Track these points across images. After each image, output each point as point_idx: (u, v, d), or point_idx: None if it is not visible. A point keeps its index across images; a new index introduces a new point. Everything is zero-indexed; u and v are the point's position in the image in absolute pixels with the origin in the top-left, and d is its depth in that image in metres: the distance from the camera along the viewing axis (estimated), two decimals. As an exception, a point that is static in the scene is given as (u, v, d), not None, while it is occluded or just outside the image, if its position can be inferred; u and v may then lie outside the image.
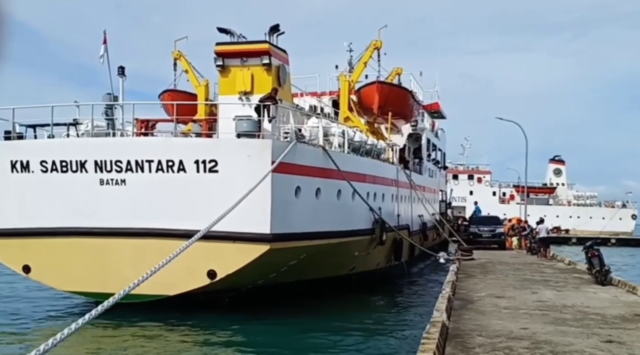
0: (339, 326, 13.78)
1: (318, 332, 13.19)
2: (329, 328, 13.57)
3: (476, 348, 8.11)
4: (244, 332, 13.08)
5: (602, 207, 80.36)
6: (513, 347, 8.15)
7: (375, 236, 19.10)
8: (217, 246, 13.21)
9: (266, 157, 13.67)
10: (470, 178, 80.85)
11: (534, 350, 8.01)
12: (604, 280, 15.52)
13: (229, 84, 17.95)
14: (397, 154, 24.60)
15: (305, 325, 13.83)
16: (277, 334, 13.13)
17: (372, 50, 24.50)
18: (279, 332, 13.23)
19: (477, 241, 31.11)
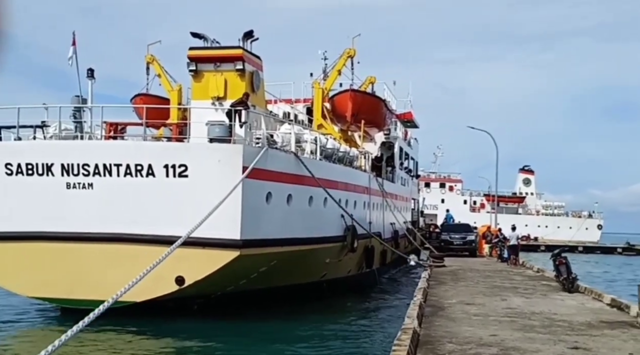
0: (310, 333, 13.71)
1: (288, 339, 13.09)
2: (299, 335, 13.49)
3: (446, 354, 8.14)
4: (213, 339, 12.89)
5: (570, 217, 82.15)
6: (482, 354, 8.20)
7: (346, 243, 19.09)
8: (186, 252, 12.99)
9: (237, 162, 13.55)
10: (442, 186, 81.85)
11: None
12: (571, 287, 15.79)
13: (202, 89, 17.80)
14: (369, 161, 24.70)
15: (275, 332, 13.72)
16: (246, 341, 12.98)
17: (345, 58, 24.62)
18: (248, 339, 13.08)
19: (449, 248, 31.39)
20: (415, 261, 26.36)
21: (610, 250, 58.09)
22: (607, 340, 9.30)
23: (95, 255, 14.02)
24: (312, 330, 14.02)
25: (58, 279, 14.29)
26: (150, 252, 13.49)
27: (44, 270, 14.41)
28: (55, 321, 14.97)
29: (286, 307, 15.72)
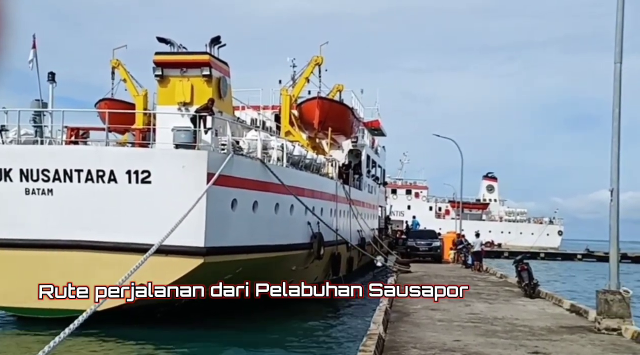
0: (276, 339, 13.64)
1: (253, 345, 13.02)
2: (263, 341, 13.40)
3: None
4: (178, 347, 12.70)
5: (532, 223, 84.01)
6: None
7: (313, 250, 19.08)
8: (149, 259, 12.82)
9: (201, 168, 13.42)
10: (408, 193, 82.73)
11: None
12: (532, 293, 16.13)
13: (168, 94, 17.56)
14: (336, 169, 24.79)
15: (240, 339, 13.60)
16: (212, 348, 12.83)
17: (313, 65, 24.72)
18: (213, 347, 12.93)
19: (415, 254, 31.69)
20: (382, 262, 26.58)
21: (570, 257, 59.61)
22: (566, 345, 9.54)
23: (55, 263, 13.66)
24: (277, 336, 13.96)
25: (16, 287, 13.87)
26: (112, 260, 13.27)
27: (1, 278, 13.99)
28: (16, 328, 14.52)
29: (252, 313, 15.61)
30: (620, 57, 11.01)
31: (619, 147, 11.03)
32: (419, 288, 12.31)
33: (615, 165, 11.02)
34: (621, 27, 11.03)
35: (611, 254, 10.99)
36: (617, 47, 11.03)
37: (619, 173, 11.03)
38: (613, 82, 11.06)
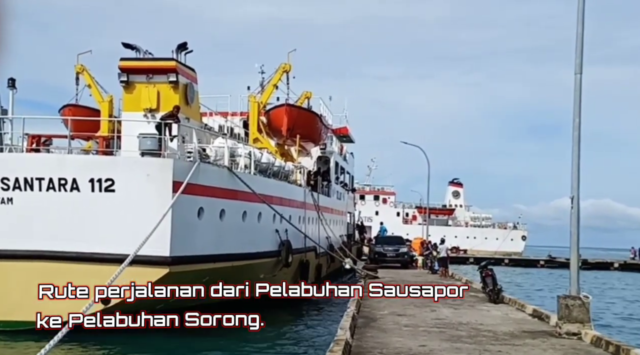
0: (242, 347, 13.51)
1: (221, 352, 12.84)
2: (229, 350, 13.26)
3: (376, 366, 8.32)
4: None
5: (496, 228, 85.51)
6: (411, 365, 8.41)
7: (281, 258, 19.05)
8: (112, 270, 12.57)
9: (167, 177, 13.28)
10: (376, 199, 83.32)
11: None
12: (496, 298, 16.41)
13: (134, 100, 17.36)
14: (305, 176, 24.83)
15: (206, 348, 13.42)
16: None
17: (281, 73, 24.78)
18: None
19: (382, 260, 31.88)
20: (350, 265, 26.70)
21: (533, 263, 60.87)
22: (529, 350, 9.74)
23: (16, 274, 13.29)
24: (243, 344, 13.84)
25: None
26: (74, 270, 12.97)
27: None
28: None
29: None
30: (581, 68, 11.35)
31: (579, 155, 11.33)
32: (419, 288, 12.39)
33: (575, 174, 11.32)
34: (581, 39, 11.38)
35: (572, 260, 11.28)
36: (577, 58, 11.37)
37: (579, 181, 11.33)
38: (573, 93, 11.38)
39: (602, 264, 58.76)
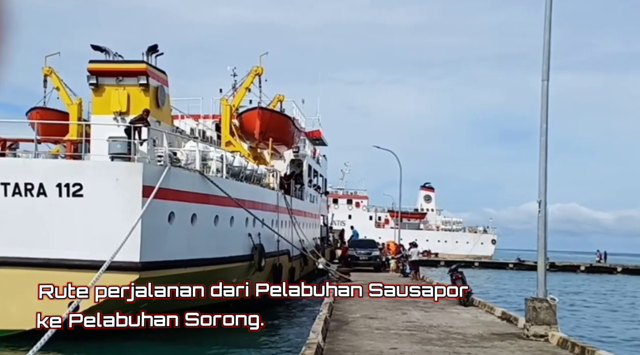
0: (215, 351, 13.41)
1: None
2: (204, 353, 13.16)
3: (347, 369, 8.37)
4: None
5: (467, 232, 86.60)
6: (382, 368, 8.48)
7: (254, 262, 18.97)
8: (81, 276, 12.36)
9: (137, 181, 13.10)
10: (349, 202, 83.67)
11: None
12: (466, 301, 16.62)
13: (103, 103, 17.10)
14: (278, 179, 24.79)
15: (181, 352, 13.29)
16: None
17: (253, 76, 24.71)
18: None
19: (355, 263, 31.98)
20: (323, 264, 26.77)
21: (503, 266, 61.89)
22: (497, 352, 9.90)
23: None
24: (217, 347, 13.74)
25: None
26: (42, 277, 12.69)
27: None
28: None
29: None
30: (548, 75, 11.61)
31: (546, 160, 11.57)
32: (419, 288, 12.44)
33: (543, 178, 11.55)
34: (548, 46, 11.64)
35: (539, 263, 11.51)
36: (544, 65, 11.62)
37: (547, 185, 11.58)
38: (541, 99, 11.64)
39: (569, 267, 60.08)
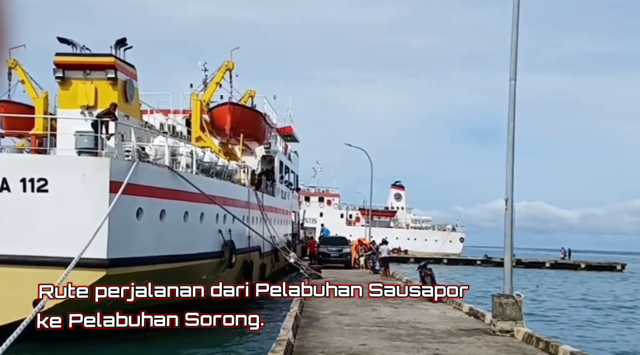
0: (183, 350, 13.28)
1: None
2: (173, 352, 13.01)
3: (317, 365, 8.39)
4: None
5: (436, 230, 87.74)
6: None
7: (224, 259, 18.84)
8: (46, 273, 12.08)
9: (104, 176, 12.87)
10: (320, 200, 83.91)
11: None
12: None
13: (70, 97, 16.72)
14: (249, 175, 24.67)
15: (149, 351, 13.12)
16: None
17: (224, 70, 24.51)
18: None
19: (326, 260, 32.09)
20: (295, 259, 26.81)
21: (471, 262, 62.96)
22: (464, 347, 10.05)
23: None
24: (186, 346, 13.61)
25: None
26: (5, 274, 12.40)
27: None
28: None
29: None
30: (515, 75, 11.80)
31: (513, 159, 11.77)
32: (419, 288, 12.46)
33: (509, 176, 11.75)
34: (515, 47, 11.83)
35: (505, 260, 11.72)
36: (512, 65, 11.81)
37: (514, 183, 11.78)
38: (508, 98, 11.82)
39: (535, 264, 61.42)
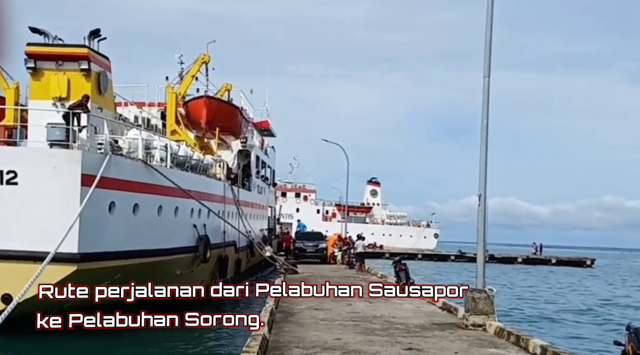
0: (157, 346, 13.15)
1: (135, 353, 12.44)
2: (143, 350, 12.87)
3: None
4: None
5: (411, 226, 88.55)
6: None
7: (198, 254, 18.70)
8: (15, 267, 11.87)
9: (75, 169, 12.65)
10: (297, 196, 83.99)
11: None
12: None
13: (42, 88, 16.38)
14: (225, 169, 24.50)
15: (122, 347, 12.95)
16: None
17: (200, 63, 24.29)
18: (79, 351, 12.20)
19: (302, 255, 32.13)
20: (271, 252, 26.81)
21: (445, 258, 63.67)
22: (437, 341, 10.17)
23: None
24: (159, 343, 13.48)
25: None
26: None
27: None
28: None
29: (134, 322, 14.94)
30: (489, 72, 11.93)
31: (486, 155, 11.91)
32: (419, 288, 12.45)
33: (483, 172, 11.89)
34: (489, 44, 11.96)
35: (478, 255, 11.87)
36: (485, 62, 11.94)
37: (487, 180, 11.93)
38: (482, 95, 11.95)
39: (507, 259, 62.34)
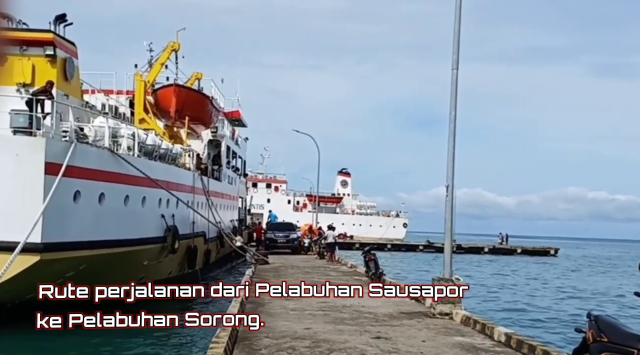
0: (124, 336, 12.97)
1: (100, 345, 12.26)
2: (108, 343, 12.68)
3: (262, 350, 8.40)
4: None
5: (380, 216, 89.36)
6: (296, 347, 8.58)
7: (167, 244, 18.49)
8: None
9: (38, 157, 12.35)
10: (268, 187, 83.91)
11: (314, 348, 8.53)
12: (377, 280, 17.13)
13: (5, 73, 15.88)
14: (194, 159, 24.23)
15: (85, 340, 12.73)
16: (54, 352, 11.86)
17: (169, 51, 23.91)
18: (56, 351, 11.96)
19: (273, 246, 32.08)
20: (241, 242, 26.76)
21: (413, 248, 64.48)
22: (405, 330, 10.29)
23: None
24: (125, 334, 13.29)
25: None
26: None
27: None
28: None
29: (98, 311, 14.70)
30: (457, 64, 12.03)
31: (454, 147, 12.04)
32: (419, 288, 12.45)
33: (450, 164, 12.02)
34: (458, 36, 12.05)
35: (446, 245, 12.04)
36: (454, 54, 12.03)
37: (454, 171, 12.07)
38: (450, 87, 12.06)
39: (474, 249, 63.49)
